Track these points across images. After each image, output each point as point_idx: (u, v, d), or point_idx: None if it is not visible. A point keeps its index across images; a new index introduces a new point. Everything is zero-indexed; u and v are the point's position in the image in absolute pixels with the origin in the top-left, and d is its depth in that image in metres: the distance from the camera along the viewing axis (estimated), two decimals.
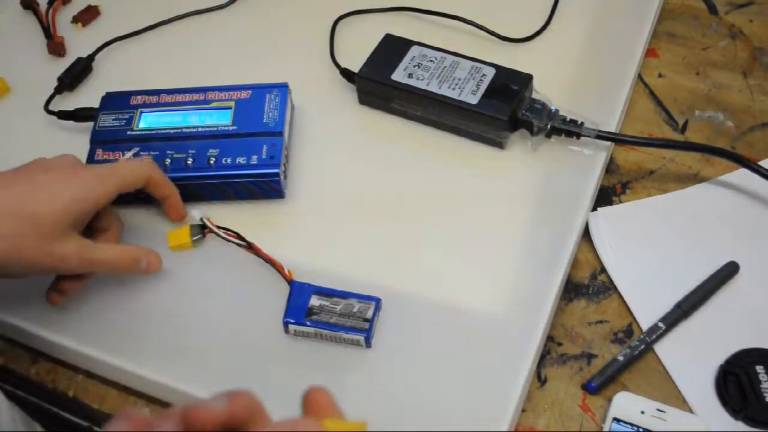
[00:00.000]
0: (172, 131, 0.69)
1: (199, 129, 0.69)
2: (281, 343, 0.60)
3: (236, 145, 0.68)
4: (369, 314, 0.59)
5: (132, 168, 0.62)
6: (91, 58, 0.79)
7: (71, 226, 0.57)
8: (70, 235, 0.57)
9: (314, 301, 0.60)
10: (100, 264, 0.59)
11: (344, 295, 0.60)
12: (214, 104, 0.70)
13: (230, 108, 0.70)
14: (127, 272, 0.62)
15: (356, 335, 0.59)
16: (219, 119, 0.69)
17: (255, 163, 0.66)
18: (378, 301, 0.60)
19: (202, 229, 0.66)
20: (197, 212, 0.66)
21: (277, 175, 0.66)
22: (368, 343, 0.59)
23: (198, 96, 0.71)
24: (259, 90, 0.71)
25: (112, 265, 0.60)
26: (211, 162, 0.67)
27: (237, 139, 0.68)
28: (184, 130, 0.69)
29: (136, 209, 0.68)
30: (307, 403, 0.41)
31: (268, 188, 0.67)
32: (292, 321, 0.59)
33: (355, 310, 0.60)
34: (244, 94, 0.71)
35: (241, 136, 0.68)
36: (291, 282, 0.61)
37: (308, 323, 0.59)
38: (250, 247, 0.64)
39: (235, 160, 0.67)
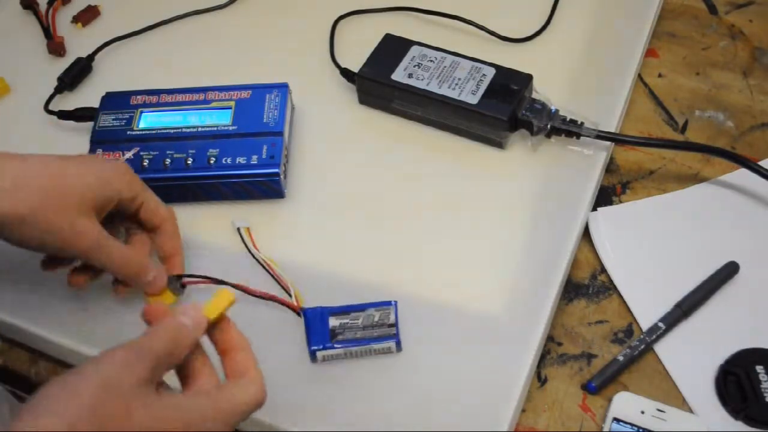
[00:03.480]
0: (172, 131, 0.69)
1: (199, 129, 0.69)
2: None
3: (236, 145, 0.68)
4: (392, 319, 0.59)
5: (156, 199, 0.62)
6: (91, 58, 0.79)
7: (94, 209, 0.57)
8: (91, 216, 0.57)
9: (333, 322, 0.59)
10: (110, 257, 0.58)
11: (360, 307, 0.60)
12: (214, 104, 0.70)
13: (230, 108, 0.70)
14: (132, 278, 0.59)
15: (387, 343, 0.59)
16: (219, 119, 0.69)
17: (255, 162, 0.66)
18: (395, 303, 0.60)
19: (179, 282, 0.62)
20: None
21: (277, 174, 0.66)
22: (399, 347, 0.59)
23: (198, 96, 0.71)
24: (260, 90, 0.71)
25: (121, 263, 0.59)
26: (211, 162, 0.67)
27: (237, 139, 0.68)
28: (184, 130, 0.69)
29: None
30: None
31: (268, 188, 0.67)
32: (320, 347, 0.58)
33: (376, 319, 0.59)
34: (244, 94, 0.71)
35: (241, 136, 0.68)
36: (303, 310, 0.60)
37: (336, 345, 0.58)
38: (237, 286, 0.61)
39: (235, 160, 0.67)
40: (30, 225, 0.55)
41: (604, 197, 0.70)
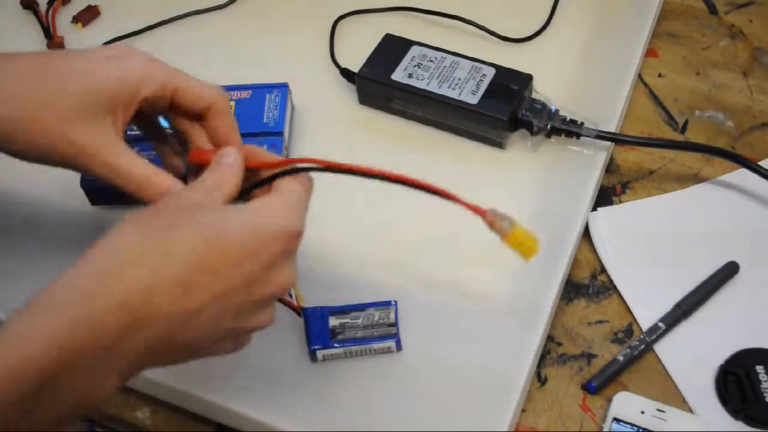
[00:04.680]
0: (171, 131, 0.68)
1: None
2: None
3: None
4: (392, 318, 0.59)
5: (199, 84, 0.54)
6: None
7: (103, 115, 0.49)
8: (99, 123, 0.49)
9: (333, 321, 0.59)
10: (121, 175, 0.50)
11: (360, 307, 0.60)
12: None
13: (230, 108, 0.70)
14: (153, 200, 0.50)
15: (387, 342, 0.59)
16: None
17: None
18: (395, 303, 0.60)
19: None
20: None
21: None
22: (399, 346, 0.59)
23: None
24: (260, 90, 0.71)
25: (132, 183, 0.50)
26: None
27: None
28: None
29: None
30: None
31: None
32: (320, 347, 0.58)
33: (376, 318, 0.59)
34: (245, 94, 0.71)
35: (240, 135, 0.68)
36: (303, 310, 0.60)
37: (336, 345, 0.58)
38: None
39: None
40: (20, 138, 0.49)
41: (604, 197, 0.70)
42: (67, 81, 0.49)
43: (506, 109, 0.68)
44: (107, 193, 0.68)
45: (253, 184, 0.51)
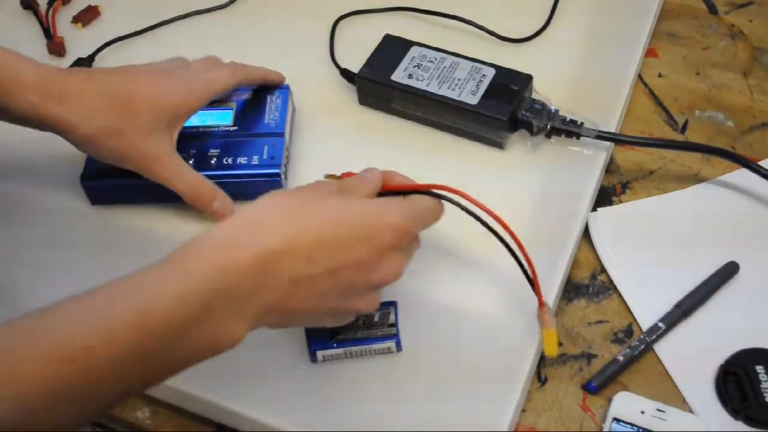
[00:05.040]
0: None
1: (200, 129, 0.69)
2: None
3: (237, 146, 0.68)
4: (392, 319, 0.59)
5: (218, 75, 0.67)
6: (91, 58, 0.79)
7: (166, 128, 0.62)
8: (162, 137, 0.62)
9: None
10: (175, 182, 0.62)
11: None
12: (215, 104, 0.70)
13: (231, 108, 0.70)
14: (198, 205, 0.64)
15: (387, 343, 0.59)
16: (220, 119, 0.69)
17: (256, 163, 0.66)
18: (395, 304, 0.60)
19: None
20: None
21: (278, 175, 0.66)
22: (399, 346, 0.59)
23: None
24: (261, 91, 0.71)
25: (187, 188, 0.63)
26: (212, 162, 0.67)
27: (238, 140, 0.68)
28: (184, 129, 0.68)
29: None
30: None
31: (268, 189, 0.66)
32: (320, 347, 0.58)
33: (376, 319, 0.59)
34: (245, 95, 0.71)
35: (242, 136, 0.68)
36: None
37: (335, 345, 0.58)
38: None
39: (236, 161, 0.67)
40: (105, 147, 0.61)
41: (604, 197, 0.70)
42: (140, 101, 0.61)
43: (506, 110, 0.68)
44: (107, 193, 0.68)
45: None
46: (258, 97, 0.71)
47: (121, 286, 0.45)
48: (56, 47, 0.81)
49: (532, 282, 0.58)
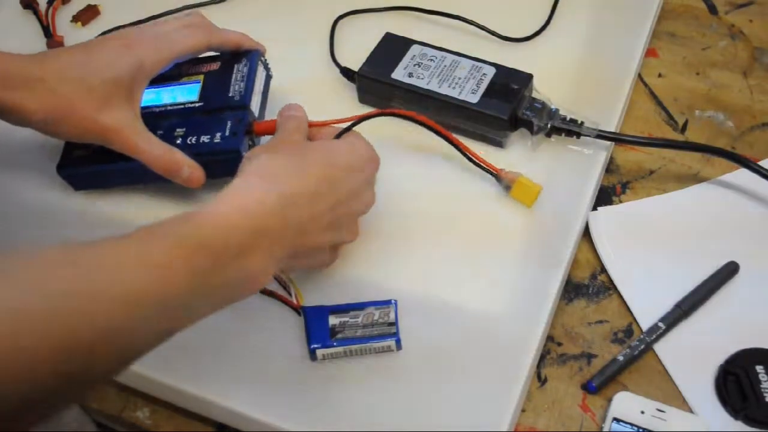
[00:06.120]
0: (143, 111, 0.64)
1: (168, 107, 0.66)
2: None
3: (202, 123, 0.64)
4: (392, 317, 0.59)
5: (186, 36, 0.65)
6: None
7: (125, 98, 0.61)
8: (121, 107, 0.61)
9: (333, 320, 0.59)
10: (140, 153, 0.61)
11: (360, 306, 0.60)
12: (184, 78, 0.67)
13: (198, 82, 0.67)
14: (167, 174, 0.62)
15: (387, 341, 0.58)
16: (187, 95, 0.66)
17: (218, 141, 0.63)
18: (395, 303, 0.60)
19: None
20: None
21: (237, 151, 0.62)
22: (399, 345, 0.59)
23: (171, 71, 0.66)
24: (229, 60, 0.67)
25: (152, 159, 0.62)
26: (177, 142, 0.63)
27: (203, 117, 0.65)
28: (154, 109, 0.66)
29: (139, 198, 0.68)
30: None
31: (232, 168, 0.57)
32: (319, 345, 0.58)
33: (376, 317, 0.59)
34: (214, 66, 0.67)
35: (206, 112, 0.65)
36: (303, 308, 0.60)
37: (335, 344, 0.58)
38: None
39: (200, 139, 0.63)
40: (62, 126, 0.61)
41: (604, 197, 0.70)
42: (94, 75, 0.60)
43: (506, 109, 0.68)
44: (86, 180, 0.67)
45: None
46: (226, 68, 0.67)
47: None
48: (56, 46, 0.81)
49: (478, 162, 0.66)
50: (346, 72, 0.75)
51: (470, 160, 0.66)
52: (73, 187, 0.68)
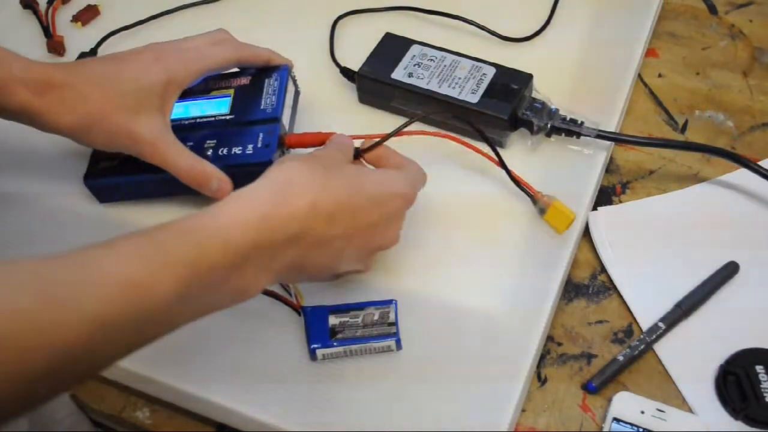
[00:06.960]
0: (173, 123, 0.65)
1: (198, 120, 0.67)
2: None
3: (233, 135, 0.65)
4: (392, 317, 0.59)
5: (216, 51, 0.66)
6: (94, 51, 0.79)
7: (156, 108, 0.62)
8: (153, 117, 0.61)
9: (333, 320, 0.59)
10: (170, 164, 0.61)
11: (360, 306, 0.60)
12: (213, 92, 0.68)
13: (229, 96, 0.68)
14: (195, 186, 0.62)
15: (387, 341, 0.58)
16: (217, 108, 0.67)
17: (250, 152, 0.64)
18: (395, 302, 0.60)
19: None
20: None
21: (270, 163, 0.62)
22: (399, 345, 0.59)
23: (199, 86, 0.68)
24: (261, 75, 0.69)
25: (182, 171, 0.62)
26: (208, 153, 0.64)
27: (234, 129, 0.66)
28: (183, 122, 0.67)
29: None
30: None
31: None
32: (319, 345, 0.58)
33: (376, 317, 0.59)
34: (244, 81, 0.69)
35: (238, 125, 0.66)
36: (303, 308, 0.60)
37: (335, 344, 0.58)
38: None
39: (231, 151, 0.64)
40: (94, 133, 0.60)
41: (604, 197, 0.70)
42: (126, 84, 0.61)
43: (506, 109, 0.68)
44: (112, 192, 0.68)
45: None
46: (257, 82, 0.69)
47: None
48: (56, 46, 0.81)
49: (516, 181, 0.65)
50: (346, 72, 0.75)
51: (511, 179, 0.66)
52: (98, 200, 0.68)
